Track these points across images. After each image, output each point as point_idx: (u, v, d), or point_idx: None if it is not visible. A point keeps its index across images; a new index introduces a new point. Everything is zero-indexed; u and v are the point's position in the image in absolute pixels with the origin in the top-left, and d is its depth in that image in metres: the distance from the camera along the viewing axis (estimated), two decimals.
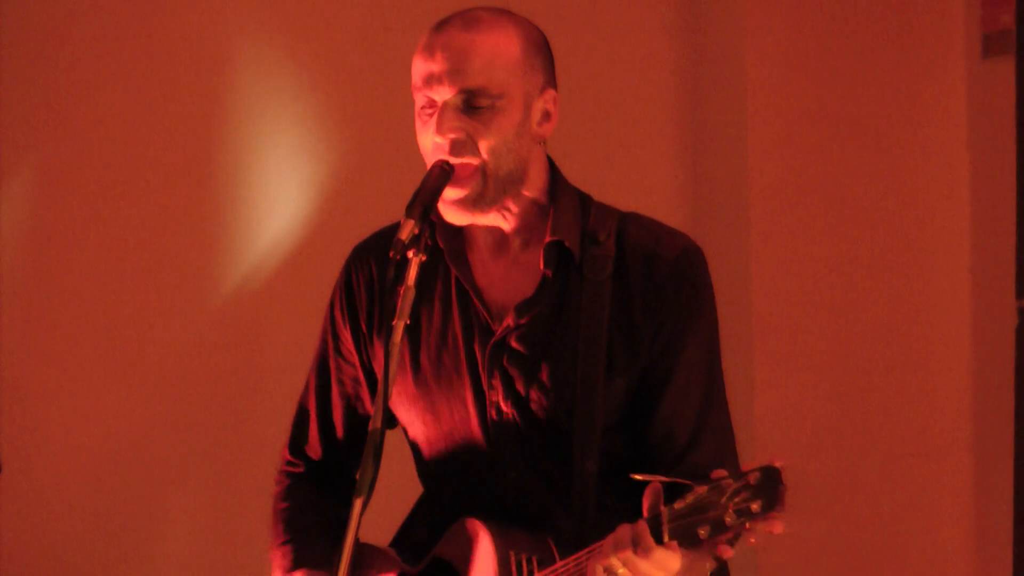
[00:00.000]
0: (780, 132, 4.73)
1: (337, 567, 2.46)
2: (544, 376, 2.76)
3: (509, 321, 2.77)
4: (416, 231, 2.59)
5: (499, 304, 2.79)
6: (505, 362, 2.77)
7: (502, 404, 2.77)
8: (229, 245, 4.49)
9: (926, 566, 4.88)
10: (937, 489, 4.89)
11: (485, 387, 2.78)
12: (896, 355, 4.85)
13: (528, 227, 2.80)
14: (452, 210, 2.73)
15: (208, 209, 4.49)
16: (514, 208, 2.78)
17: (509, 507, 2.77)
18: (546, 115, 2.78)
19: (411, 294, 2.57)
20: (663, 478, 2.55)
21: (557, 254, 2.78)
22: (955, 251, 4.91)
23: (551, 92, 2.79)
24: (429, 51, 2.72)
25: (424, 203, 2.62)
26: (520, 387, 2.76)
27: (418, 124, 2.75)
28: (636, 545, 2.52)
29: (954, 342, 4.91)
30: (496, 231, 2.80)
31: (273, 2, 4.52)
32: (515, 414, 2.77)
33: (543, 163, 2.82)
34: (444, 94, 2.70)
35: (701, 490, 2.49)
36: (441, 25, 2.75)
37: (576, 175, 2.91)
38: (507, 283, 2.80)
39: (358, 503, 2.46)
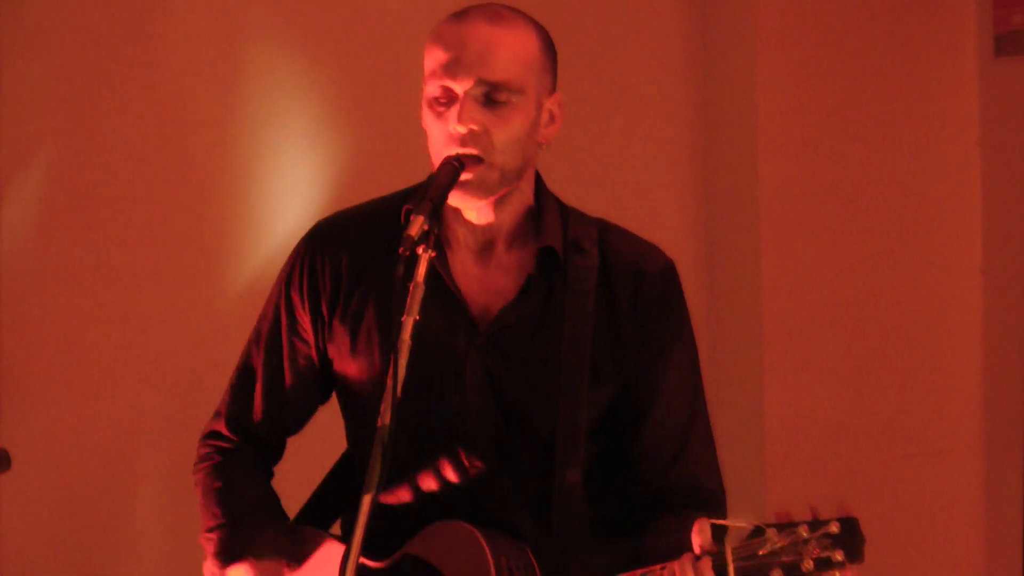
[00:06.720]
0: (791, 132, 4.73)
1: (344, 566, 2.45)
2: (529, 379, 2.75)
3: (494, 322, 2.76)
4: (426, 227, 2.57)
5: (480, 305, 2.78)
6: (489, 363, 2.76)
7: (481, 404, 2.76)
8: (238, 245, 4.49)
9: (937, 565, 4.88)
10: (948, 488, 4.89)
11: (466, 385, 2.76)
12: (907, 355, 4.85)
13: (516, 229, 2.80)
14: (454, 192, 2.69)
15: (217, 208, 4.49)
16: (510, 204, 2.77)
17: (476, 508, 2.74)
18: (552, 117, 2.78)
19: (420, 291, 2.55)
20: (729, 522, 2.49)
21: (543, 259, 2.77)
22: (966, 251, 4.91)
23: (557, 95, 2.79)
24: (451, 39, 2.70)
25: (434, 200, 2.61)
26: (503, 388, 2.75)
27: (428, 114, 2.73)
28: None
29: (965, 342, 4.91)
30: (484, 231, 2.79)
31: (283, 1, 4.53)
32: (495, 416, 2.76)
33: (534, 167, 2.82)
34: (464, 84, 2.68)
35: (771, 533, 2.44)
36: (462, 16, 2.73)
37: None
38: (488, 284, 2.79)
39: (366, 500, 2.45)
